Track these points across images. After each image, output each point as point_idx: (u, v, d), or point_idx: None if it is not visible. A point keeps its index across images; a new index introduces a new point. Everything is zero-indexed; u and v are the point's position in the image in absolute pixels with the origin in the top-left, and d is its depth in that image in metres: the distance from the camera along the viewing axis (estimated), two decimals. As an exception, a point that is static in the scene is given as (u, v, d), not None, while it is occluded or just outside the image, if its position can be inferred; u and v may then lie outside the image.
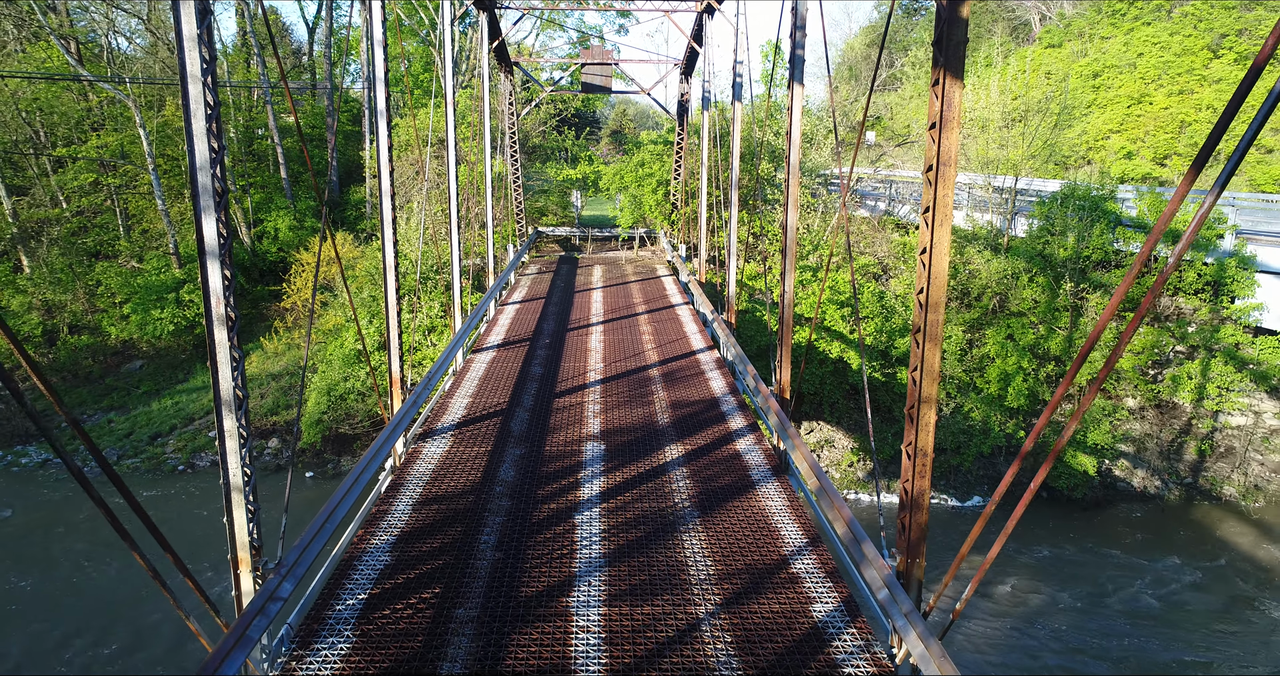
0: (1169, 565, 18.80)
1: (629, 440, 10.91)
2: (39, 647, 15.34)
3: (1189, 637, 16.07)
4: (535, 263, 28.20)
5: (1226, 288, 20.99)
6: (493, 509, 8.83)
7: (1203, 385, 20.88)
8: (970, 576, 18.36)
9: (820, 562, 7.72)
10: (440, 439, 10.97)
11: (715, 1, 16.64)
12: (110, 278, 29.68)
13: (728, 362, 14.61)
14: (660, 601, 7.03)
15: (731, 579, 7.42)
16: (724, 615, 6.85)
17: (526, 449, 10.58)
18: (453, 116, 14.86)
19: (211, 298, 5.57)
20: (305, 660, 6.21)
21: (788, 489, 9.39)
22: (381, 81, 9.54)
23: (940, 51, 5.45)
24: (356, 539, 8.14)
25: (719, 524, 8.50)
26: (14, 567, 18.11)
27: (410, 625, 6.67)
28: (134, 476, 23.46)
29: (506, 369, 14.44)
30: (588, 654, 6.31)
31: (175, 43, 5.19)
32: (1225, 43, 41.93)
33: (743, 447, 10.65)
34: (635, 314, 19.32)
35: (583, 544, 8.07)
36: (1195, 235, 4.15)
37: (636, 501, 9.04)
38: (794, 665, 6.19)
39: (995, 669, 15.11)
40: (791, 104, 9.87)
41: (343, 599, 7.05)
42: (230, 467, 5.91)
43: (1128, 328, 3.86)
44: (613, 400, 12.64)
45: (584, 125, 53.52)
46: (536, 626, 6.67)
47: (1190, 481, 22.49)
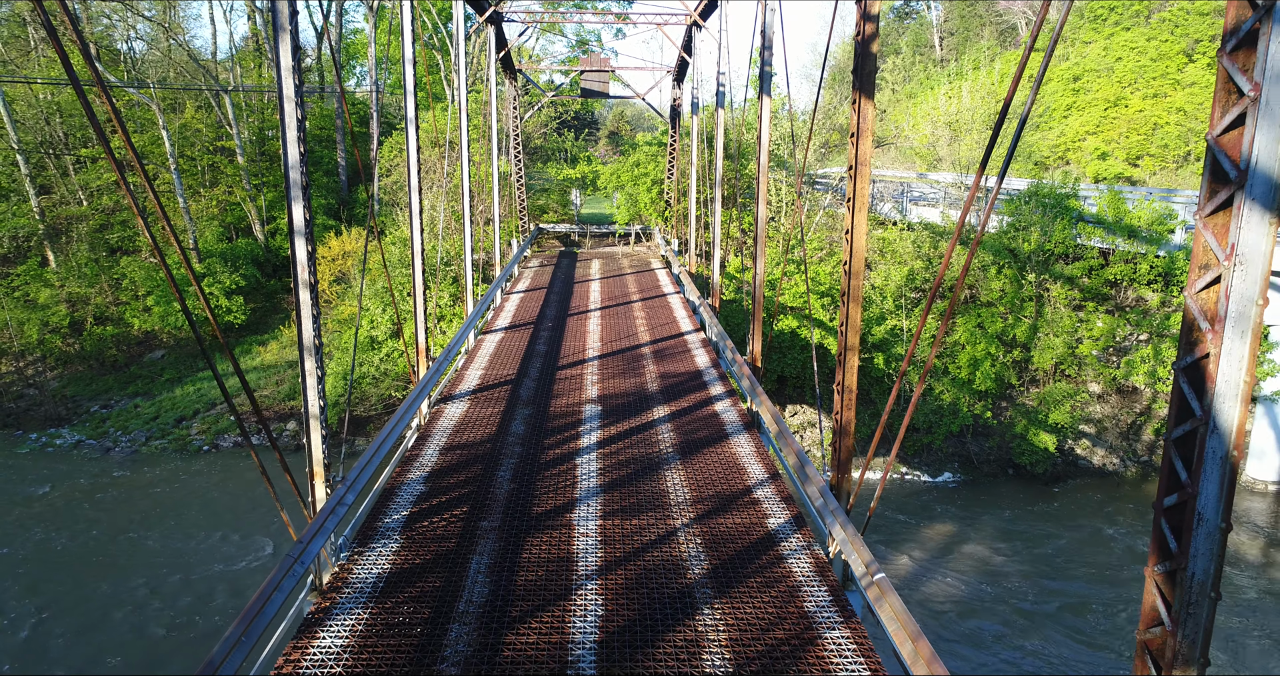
0: (1121, 531, 20.50)
1: (622, 403, 12.60)
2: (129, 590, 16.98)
3: (1123, 586, 17.77)
4: (537, 257, 29.89)
5: (1176, 278, 22.70)
6: (507, 453, 10.52)
7: (1155, 369, 22.58)
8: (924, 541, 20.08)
9: (777, 491, 9.41)
10: (458, 402, 12.66)
11: (700, 18, 18.38)
12: (135, 271, 31.30)
13: (712, 343, 16.29)
14: (645, 516, 8.73)
15: (704, 502, 9.11)
16: (696, 526, 8.55)
17: (534, 409, 12.27)
18: (465, 127, 16.52)
19: (298, 266, 7.26)
20: (364, 555, 7.90)
21: (756, 440, 11.08)
22: (411, 94, 11.22)
23: (856, 79, 7.15)
24: (395, 474, 9.83)
25: (696, 464, 10.20)
26: (65, 533, 19.75)
27: (445, 532, 8.37)
28: (162, 456, 25.11)
29: (514, 347, 16.13)
30: (587, 550, 8.01)
31: (274, 71, 6.87)
32: (1199, 48, 43.60)
33: (720, 409, 12.34)
34: (630, 302, 21.02)
35: (582, 478, 9.76)
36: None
37: (628, 448, 10.73)
38: (751, 558, 7.88)
39: (952, 621, 16.78)
40: (761, 113, 11.56)
41: (389, 515, 8.75)
42: (310, 400, 7.59)
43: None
44: (609, 372, 14.34)
45: (583, 127, 55.21)
46: (546, 533, 8.36)
47: (1146, 459, 24.20)
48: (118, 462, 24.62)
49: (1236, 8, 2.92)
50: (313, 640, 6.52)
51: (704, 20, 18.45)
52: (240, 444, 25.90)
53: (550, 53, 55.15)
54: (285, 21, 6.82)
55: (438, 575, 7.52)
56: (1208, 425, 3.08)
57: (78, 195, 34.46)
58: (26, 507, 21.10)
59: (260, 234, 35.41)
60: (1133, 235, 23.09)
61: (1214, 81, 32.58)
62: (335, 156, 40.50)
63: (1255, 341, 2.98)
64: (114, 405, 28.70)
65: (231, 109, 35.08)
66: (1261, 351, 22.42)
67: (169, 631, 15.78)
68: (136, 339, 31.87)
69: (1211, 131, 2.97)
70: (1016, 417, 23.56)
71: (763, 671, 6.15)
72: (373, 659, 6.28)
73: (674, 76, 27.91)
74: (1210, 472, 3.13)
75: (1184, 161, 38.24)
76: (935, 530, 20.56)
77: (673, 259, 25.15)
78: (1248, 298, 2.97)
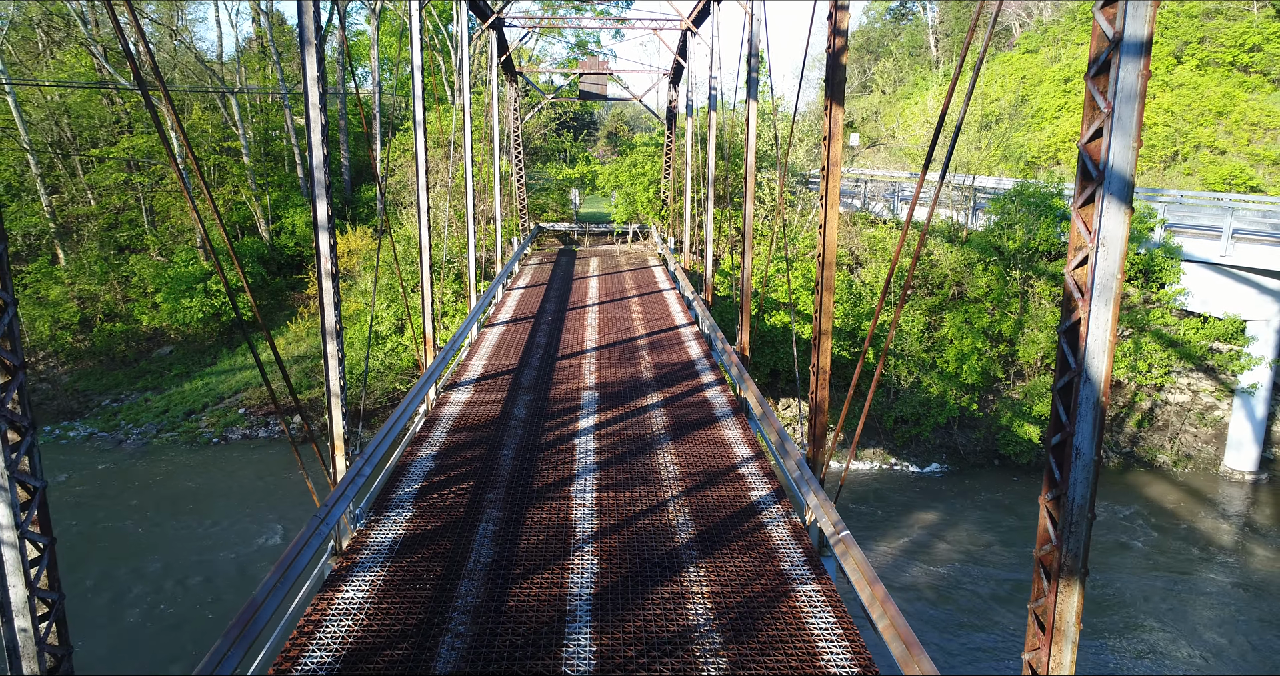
0: (1100, 515, 21.23)
1: (619, 390, 13.34)
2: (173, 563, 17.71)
3: (1111, 570, 18.50)
4: (537, 254, 30.63)
5: (1156, 275, 23.45)
6: (510, 434, 11.26)
7: (1135, 363, 23.32)
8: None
9: (760, 468, 10.15)
10: (463, 389, 13.40)
11: (693, 25, 19.12)
12: (144, 269, 32.03)
13: (705, 335, 17.03)
14: (638, 489, 9.47)
15: (693, 477, 9.86)
16: (685, 498, 9.29)
17: (535, 395, 13.01)
18: (469, 129, 17.25)
19: (321, 258, 7.99)
20: (379, 522, 8.64)
21: (743, 423, 11.82)
22: (419, 99, 11.96)
23: (828, 88, 7.88)
24: (405, 453, 10.57)
25: (686, 444, 10.94)
26: (85, 518, 20.48)
27: (453, 503, 9.10)
28: (172, 448, 25.83)
29: (515, 339, 16.87)
30: (584, 519, 8.74)
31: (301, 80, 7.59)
32: (1188, 50, 44.32)
33: (710, 395, 13.08)
34: (627, 297, 21.76)
35: (580, 456, 10.50)
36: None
37: (623, 430, 11.47)
38: (734, 525, 8.62)
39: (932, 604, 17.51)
40: (748, 117, 12.30)
41: (401, 488, 9.48)
42: (331, 380, 8.32)
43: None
44: (606, 362, 15.08)
45: (582, 128, 55.95)
46: (547, 503, 9.10)
47: (1128, 450, 24.94)
48: (130, 454, 25.35)
49: (1096, 41, 3.64)
50: (337, 592, 7.26)
51: (697, 27, 19.19)
52: (249, 436, 26.62)
53: (549, 54, 55.95)
54: (311, 36, 7.56)
55: (448, 539, 8.26)
56: (1081, 375, 3.82)
57: (86, 195, 35.18)
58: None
59: (265, 233, 36.14)
60: (1114, 233, 23.80)
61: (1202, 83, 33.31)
62: (339, 157, 41.21)
63: (1116, 308, 3.72)
64: (124, 399, 29.42)
65: (237, 110, 35.80)
66: (1239, 345, 23.20)
67: (184, 607, 16.51)
68: (145, 335, 32.58)
69: (1081, 140, 3.70)
70: (1002, 410, 24.30)
71: (741, 619, 6.89)
72: (392, 608, 7.02)
73: (670, 79, 28.66)
74: (1085, 415, 3.87)
75: (1171, 162, 38.98)
76: (921, 518, 21.29)
77: (669, 256, 25.89)
78: (1110, 273, 3.71)
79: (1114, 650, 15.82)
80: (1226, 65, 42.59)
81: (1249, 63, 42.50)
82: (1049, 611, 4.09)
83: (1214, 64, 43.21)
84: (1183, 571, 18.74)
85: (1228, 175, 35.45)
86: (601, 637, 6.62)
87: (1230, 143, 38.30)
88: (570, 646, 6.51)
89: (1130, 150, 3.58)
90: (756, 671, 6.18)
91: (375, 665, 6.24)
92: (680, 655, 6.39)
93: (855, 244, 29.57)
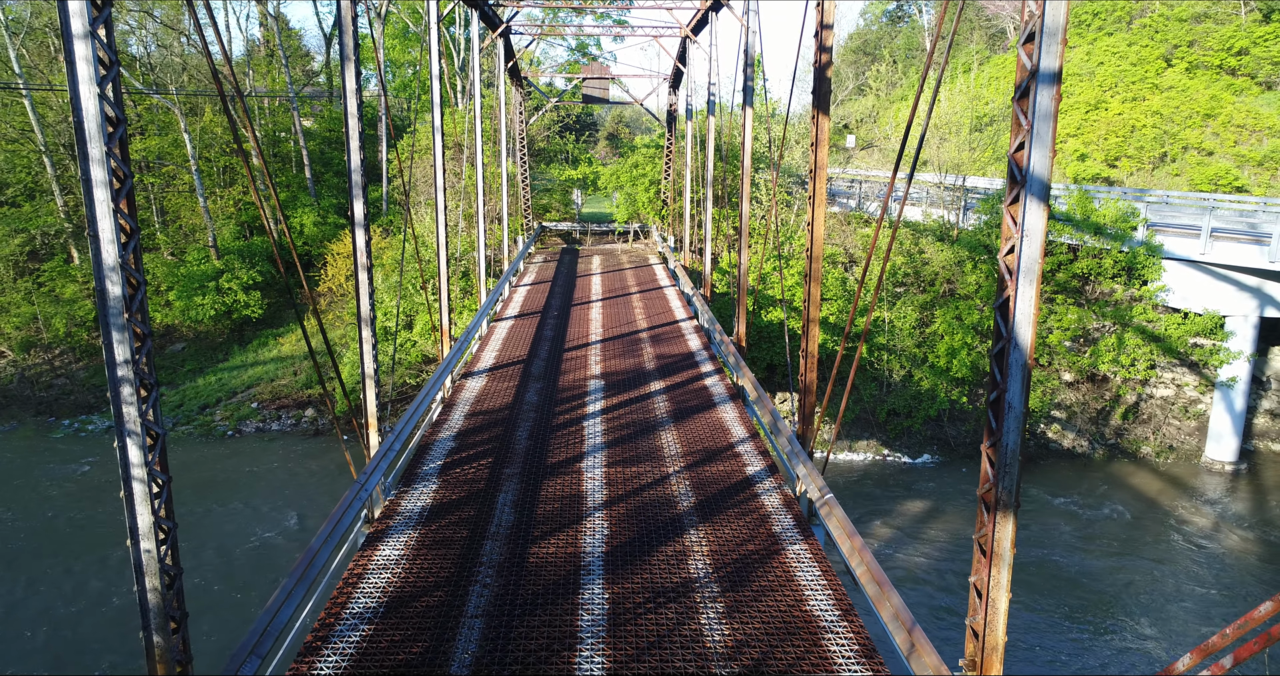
0: (1084, 503, 22.11)
1: (623, 378, 14.20)
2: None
3: (1093, 554, 19.39)
4: (541, 253, 31.50)
5: (1138, 272, 24.33)
6: (524, 418, 12.13)
7: (1118, 357, 24.19)
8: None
9: (756, 446, 11.01)
10: (477, 378, 14.26)
11: (692, 33, 19.99)
12: (157, 268, 32.86)
13: (704, 329, 17.89)
14: (643, 465, 10.33)
15: (693, 455, 10.72)
16: (686, 473, 10.15)
17: (545, 383, 13.88)
18: (480, 135, 18.11)
19: (358, 251, 8.85)
20: (408, 493, 9.50)
21: (740, 408, 12.68)
22: (437, 106, 12.82)
23: (815, 99, 8.75)
24: (427, 434, 11.42)
25: (687, 426, 11.80)
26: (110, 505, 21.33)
27: (475, 476, 9.96)
28: (188, 440, 26.68)
29: (524, 332, 17.73)
30: (594, 490, 9.60)
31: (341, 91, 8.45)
32: (1177, 53, 45.22)
33: (709, 383, 13.95)
34: (629, 293, 22.62)
35: (589, 437, 11.36)
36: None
37: (628, 414, 12.34)
38: (731, 495, 9.48)
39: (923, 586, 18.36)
40: (744, 123, 13.16)
41: (426, 464, 10.34)
42: (365, 363, 9.18)
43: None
44: (610, 353, 15.94)
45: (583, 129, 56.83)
46: (560, 477, 9.96)
47: (1114, 442, 25.82)
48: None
49: (1020, 71, 4.49)
50: (375, 550, 8.13)
51: (695, 35, 20.05)
52: (262, 429, 27.47)
53: (550, 56, 56.84)
54: (350, 52, 8.42)
55: (471, 507, 9.12)
56: (1010, 342, 4.67)
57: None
58: (72, 483, 22.70)
59: (274, 232, 36.96)
60: (1099, 232, 24.71)
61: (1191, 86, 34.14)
62: (345, 158, 42.04)
63: (1038, 286, 4.57)
64: (140, 394, 30.24)
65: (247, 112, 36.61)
66: (1218, 340, 24.07)
67: (209, 582, 17.37)
68: (158, 332, 33.41)
69: (1010, 150, 4.55)
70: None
71: (737, 572, 7.75)
72: (425, 563, 7.88)
73: (670, 84, 29.53)
74: (1014, 375, 4.73)
75: (1159, 163, 39.87)
76: (911, 506, 22.15)
77: (669, 254, 26.75)
78: (1033, 258, 4.57)
79: (1094, 627, 16.69)
80: (1215, 68, 43.51)
81: (1236, 66, 43.42)
82: (989, 539, 4.96)
83: (1203, 67, 44.12)
84: (1162, 554, 19.61)
85: (1214, 176, 36.35)
86: (613, 587, 7.48)
87: (1217, 144, 39.19)
88: (586, 594, 7.37)
89: (1047, 159, 4.44)
90: (750, 613, 7.04)
91: (415, 608, 7.10)
92: (683, 601, 7.25)
93: (850, 243, 30.44)
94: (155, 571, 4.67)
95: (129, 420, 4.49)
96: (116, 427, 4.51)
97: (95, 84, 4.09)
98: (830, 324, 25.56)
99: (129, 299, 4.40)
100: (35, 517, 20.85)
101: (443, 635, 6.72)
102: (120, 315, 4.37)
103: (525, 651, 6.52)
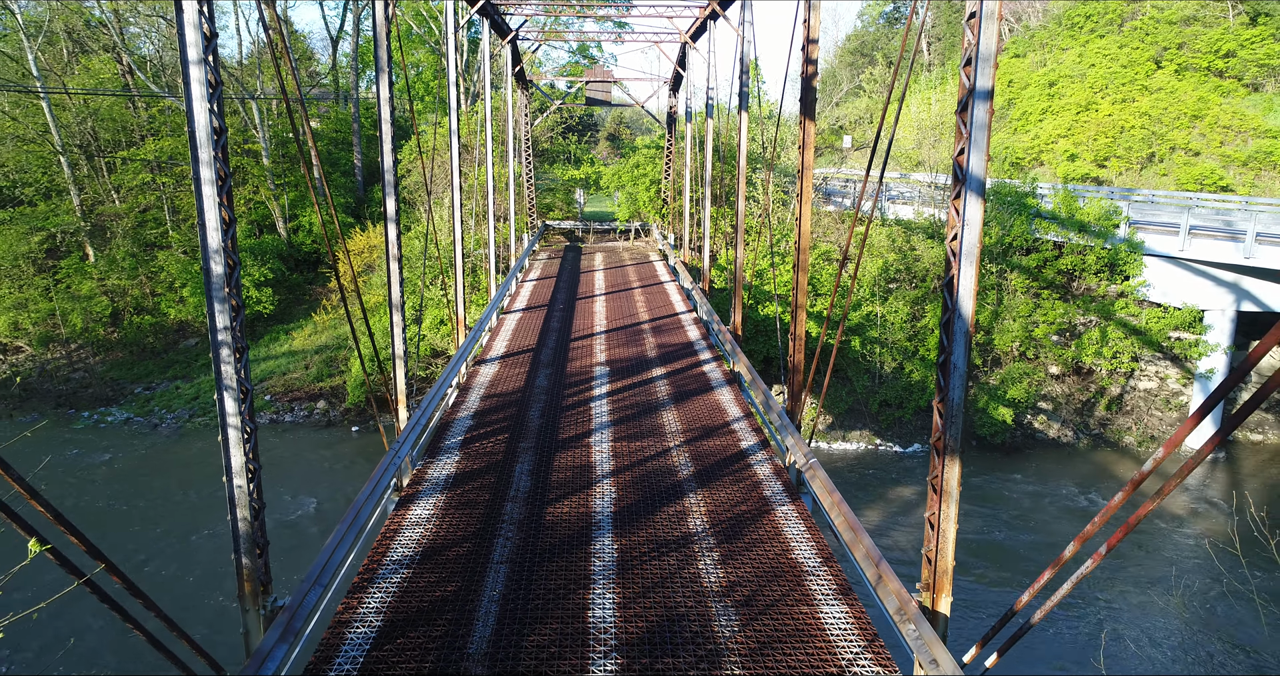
0: (1068, 491, 23.09)
1: (626, 365, 15.17)
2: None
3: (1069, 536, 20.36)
4: (545, 251, 32.47)
5: (1120, 268, 25.30)
6: (535, 399, 13.09)
7: (1101, 349, 25.16)
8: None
9: (750, 425, 11.98)
10: (490, 365, 15.23)
11: (691, 40, 20.93)
12: (171, 265, 33.83)
13: (703, 320, 18.85)
14: (646, 440, 11.29)
15: (692, 431, 11.68)
16: (685, 446, 11.11)
17: (553, 369, 14.84)
18: (491, 139, 19.06)
19: (389, 243, 9.81)
20: (433, 463, 10.46)
21: (736, 392, 13.65)
22: (453, 111, 13.78)
23: (802, 106, 9.70)
24: (447, 414, 12.39)
25: (686, 407, 12.77)
26: (136, 492, 22.28)
27: (493, 449, 10.93)
28: (205, 431, 27.63)
29: (532, 324, 18.69)
30: (602, 460, 10.57)
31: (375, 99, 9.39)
32: (1167, 55, 46.18)
33: (707, 369, 14.92)
34: (631, 288, 23.59)
35: (596, 416, 12.32)
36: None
37: (632, 397, 13.30)
38: (726, 465, 10.45)
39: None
40: (740, 126, 14.13)
41: (448, 439, 11.31)
42: (396, 344, 10.14)
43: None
44: (614, 343, 16.90)
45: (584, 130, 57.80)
46: (571, 450, 10.93)
47: (1098, 433, 26.79)
48: (165, 436, 27.15)
49: (961, 89, 5.45)
50: (408, 510, 9.09)
51: (694, 42, 21.01)
52: (275, 420, 28.41)
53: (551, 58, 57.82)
54: (384, 65, 9.38)
55: (491, 475, 10.09)
56: (955, 313, 5.63)
57: (112, 195, 36.95)
58: (96, 471, 23.66)
59: (283, 230, 37.92)
60: (1083, 230, 25.68)
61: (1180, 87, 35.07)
62: (352, 158, 43.01)
63: (977, 267, 5.53)
64: (155, 387, 31.21)
65: (257, 113, 37.58)
66: (1197, 333, 25.05)
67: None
68: (172, 328, 34.38)
69: (953, 155, 5.51)
70: (979, 394, 26.13)
71: (730, 528, 8.71)
72: (453, 521, 8.85)
73: (670, 87, 30.50)
74: (958, 340, 5.69)
75: (1148, 163, 40.83)
76: (901, 493, 23.12)
77: (669, 252, 27.71)
78: (972, 243, 5.52)
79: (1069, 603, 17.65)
80: (1203, 70, 44.47)
81: (1224, 68, 44.39)
82: (940, 479, 5.92)
83: (1191, 69, 45.08)
84: (1140, 535, 20.57)
85: (1199, 176, 37.32)
86: (620, 540, 8.45)
87: (1204, 145, 40.16)
88: (596, 545, 8.34)
89: (982, 162, 5.40)
90: (742, 560, 8.00)
91: (447, 556, 8.06)
92: (683, 551, 8.22)
93: (844, 240, 31.41)
94: (245, 503, 5.64)
95: (226, 377, 5.45)
96: (216, 383, 5.47)
97: (207, 100, 5.05)
98: (823, 317, 26.53)
99: (228, 276, 5.37)
100: (74, 500, 21.80)
101: (473, 577, 7.68)
102: (222, 289, 5.34)
103: (546, 590, 7.49)
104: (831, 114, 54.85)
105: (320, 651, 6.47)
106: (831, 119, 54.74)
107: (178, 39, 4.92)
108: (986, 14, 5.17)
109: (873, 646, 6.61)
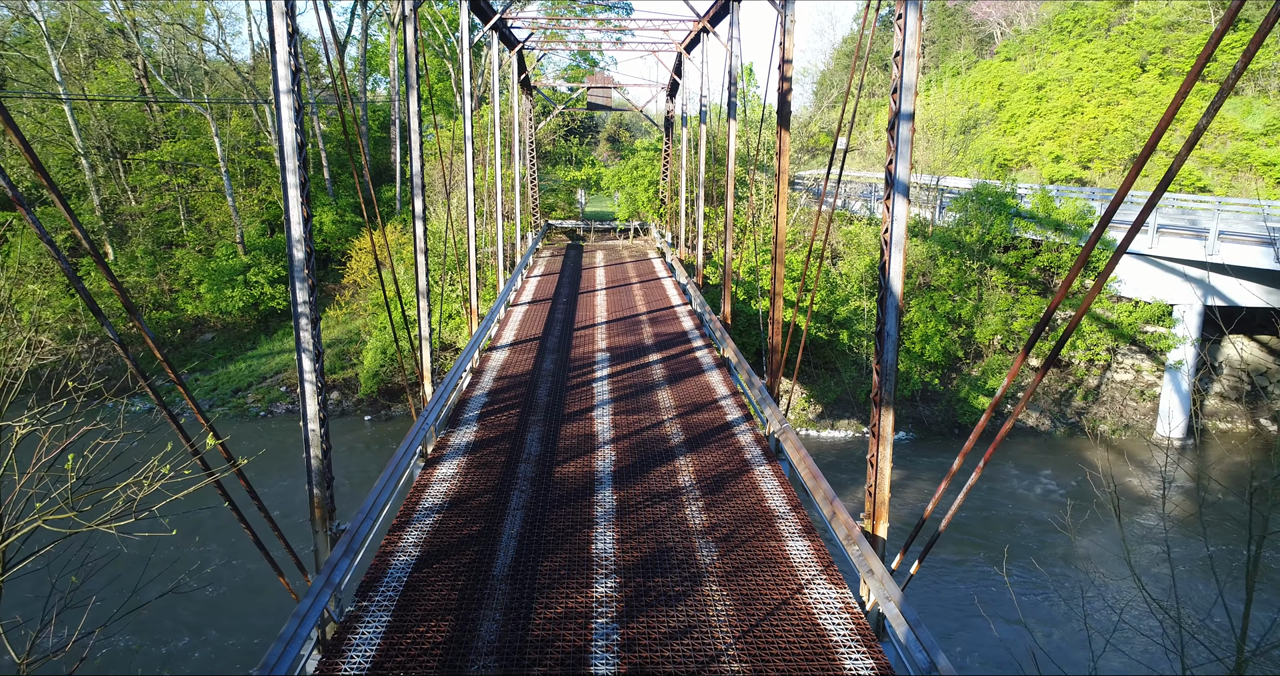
0: (1044, 475, 24.47)
1: (626, 352, 16.55)
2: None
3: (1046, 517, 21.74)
4: (548, 248, 33.86)
5: (1093, 264, 26.67)
6: (542, 380, 14.48)
7: (1075, 342, 26.53)
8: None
9: (736, 402, 13.37)
10: (500, 351, 16.61)
11: (686, 50, 22.33)
12: (189, 263, 35.23)
13: (697, 312, 20.24)
14: (642, 414, 12.68)
15: (684, 407, 13.07)
16: (677, 419, 12.50)
17: (559, 355, 16.23)
18: (499, 143, 20.43)
19: (417, 238, 11.19)
20: (454, 432, 11.85)
21: (725, 374, 15.03)
22: (467, 118, 15.16)
23: (779, 118, 11.09)
24: (464, 392, 13.78)
25: (679, 387, 14.16)
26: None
27: (506, 422, 12.32)
28: (224, 421, 29.01)
29: (538, 315, 20.08)
30: (604, 430, 11.96)
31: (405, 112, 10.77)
32: (1151, 60, 47.55)
33: (699, 355, 16.30)
34: (630, 283, 24.97)
35: (598, 394, 13.71)
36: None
37: (630, 378, 14.69)
38: (712, 434, 11.83)
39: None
40: (729, 133, 15.52)
41: (466, 413, 12.70)
42: (422, 327, 11.53)
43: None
44: (614, 332, 18.29)
45: (585, 133, 59.22)
46: (576, 422, 12.31)
47: (1074, 422, 28.16)
48: (187, 426, 28.43)
49: (889, 110, 6.83)
50: (435, 470, 10.48)
51: (689, 52, 22.38)
52: (292, 410, 29.80)
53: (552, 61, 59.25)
54: (414, 81, 10.76)
55: (506, 442, 11.48)
56: (887, 290, 7.01)
57: (129, 195, 38.36)
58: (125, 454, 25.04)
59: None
60: (1059, 228, 27.06)
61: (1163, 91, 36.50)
62: (360, 160, 44.36)
63: (904, 253, 6.91)
64: (175, 379, 32.58)
65: (270, 117, 38.97)
66: (1166, 327, 26.43)
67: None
68: (189, 323, 35.78)
69: (886, 163, 6.89)
70: (961, 385, 27.51)
71: (715, 483, 10.10)
72: (475, 477, 10.23)
73: (667, 93, 31.89)
74: (890, 312, 7.07)
75: (1130, 165, 42.15)
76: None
77: (666, 249, 29.10)
78: (900, 234, 6.90)
79: (1045, 582, 19.03)
80: (1185, 74, 45.80)
81: (1206, 72, 45.73)
82: (878, 426, 7.30)
83: (1175, 73, 46.44)
84: (1111, 518, 21.96)
85: (1178, 177, 38.69)
86: (619, 492, 9.83)
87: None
88: (599, 496, 9.72)
89: (906, 170, 6.77)
90: (723, 508, 9.39)
91: (471, 505, 9.45)
92: (672, 500, 9.60)
93: (834, 238, 32.78)
94: (317, 443, 7.02)
95: (305, 342, 6.83)
96: (296, 347, 6.85)
97: (294, 122, 6.44)
98: (815, 313, 27.88)
99: (306, 260, 6.75)
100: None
101: (495, 519, 9.07)
102: (302, 271, 6.72)
103: (556, 529, 8.88)
104: (826, 116, 56.20)
105: (370, 573, 7.87)
106: (824, 122, 56.08)
107: (270, 73, 6.29)
108: (908, 53, 6.55)
109: (828, 570, 8.00)
